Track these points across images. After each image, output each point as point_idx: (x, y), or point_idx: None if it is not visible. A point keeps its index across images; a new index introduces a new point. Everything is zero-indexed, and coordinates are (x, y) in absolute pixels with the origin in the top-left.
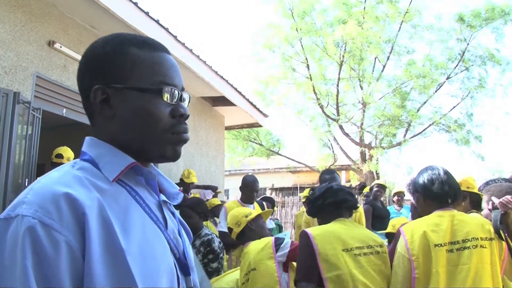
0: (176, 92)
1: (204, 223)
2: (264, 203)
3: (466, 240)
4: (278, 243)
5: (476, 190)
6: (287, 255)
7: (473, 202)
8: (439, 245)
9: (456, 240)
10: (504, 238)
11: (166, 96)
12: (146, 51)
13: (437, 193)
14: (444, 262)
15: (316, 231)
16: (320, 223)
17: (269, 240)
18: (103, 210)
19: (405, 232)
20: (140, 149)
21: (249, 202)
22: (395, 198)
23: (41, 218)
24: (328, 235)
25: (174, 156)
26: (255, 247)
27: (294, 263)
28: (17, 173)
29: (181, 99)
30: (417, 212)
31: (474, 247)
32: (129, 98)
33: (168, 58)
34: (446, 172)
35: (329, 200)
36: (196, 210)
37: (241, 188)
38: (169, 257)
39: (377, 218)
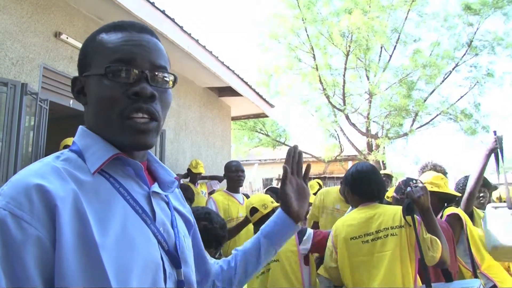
0: (131, 69)
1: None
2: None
3: (379, 231)
4: (301, 234)
5: (442, 190)
6: (310, 248)
7: (444, 200)
8: (354, 238)
9: (370, 232)
10: (411, 224)
11: (113, 75)
12: (112, 34)
13: (363, 191)
14: (360, 252)
15: None
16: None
17: None
18: (78, 203)
19: (333, 227)
20: (107, 138)
21: (234, 190)
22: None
23: (12, 209)
24: None
25: (135, 145)
26: None
27: (316, 254)
28: (25, 164)
29: (148, 79)
30: (398, 203)
31: (385, 236)
32: (92, 84)
33: (134, 35)
34: (374, 171)
35: None
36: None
37: (225, 176)
38: (152, 250)
39: None
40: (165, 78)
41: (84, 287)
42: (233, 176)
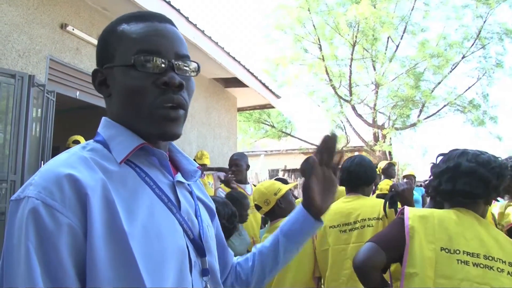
0: (158, 59)
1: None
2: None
3: (356, 222)
4: None
5: None
6: None
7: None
8: (332, 227)
9: (348, 222)
10: (391, 216)
11: (142, 65)
12: (133, 24)
13: (344, 181)
14: (336, 241)
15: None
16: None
17: None
18: (107, 192)
19: None
20: (135, 128)
21: (240, 182)
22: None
23: (44, 199)
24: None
25: (164, 135)
26: None
27: None
28: (33, 156)
29: (173, 68)
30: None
31: (362, 227)
32: (116, 76)
33: (157, 25)
34: (358, 163)
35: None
36: None
37: (230, 169)
38: (178, 239)
39: None
40: (189, 67)
41: (114, 275)
42: (238, 172)
